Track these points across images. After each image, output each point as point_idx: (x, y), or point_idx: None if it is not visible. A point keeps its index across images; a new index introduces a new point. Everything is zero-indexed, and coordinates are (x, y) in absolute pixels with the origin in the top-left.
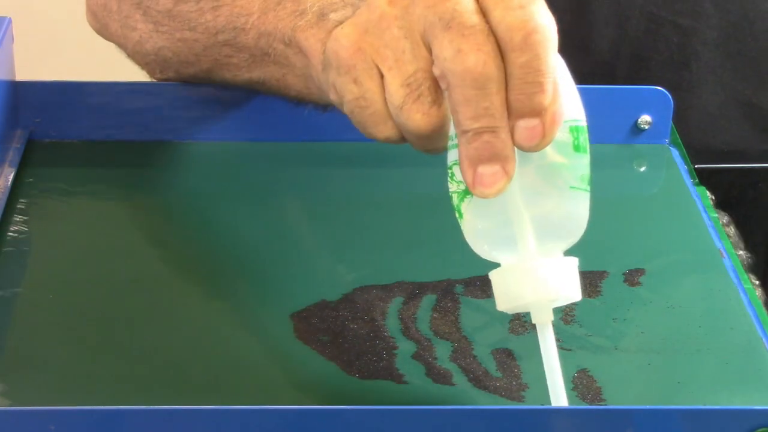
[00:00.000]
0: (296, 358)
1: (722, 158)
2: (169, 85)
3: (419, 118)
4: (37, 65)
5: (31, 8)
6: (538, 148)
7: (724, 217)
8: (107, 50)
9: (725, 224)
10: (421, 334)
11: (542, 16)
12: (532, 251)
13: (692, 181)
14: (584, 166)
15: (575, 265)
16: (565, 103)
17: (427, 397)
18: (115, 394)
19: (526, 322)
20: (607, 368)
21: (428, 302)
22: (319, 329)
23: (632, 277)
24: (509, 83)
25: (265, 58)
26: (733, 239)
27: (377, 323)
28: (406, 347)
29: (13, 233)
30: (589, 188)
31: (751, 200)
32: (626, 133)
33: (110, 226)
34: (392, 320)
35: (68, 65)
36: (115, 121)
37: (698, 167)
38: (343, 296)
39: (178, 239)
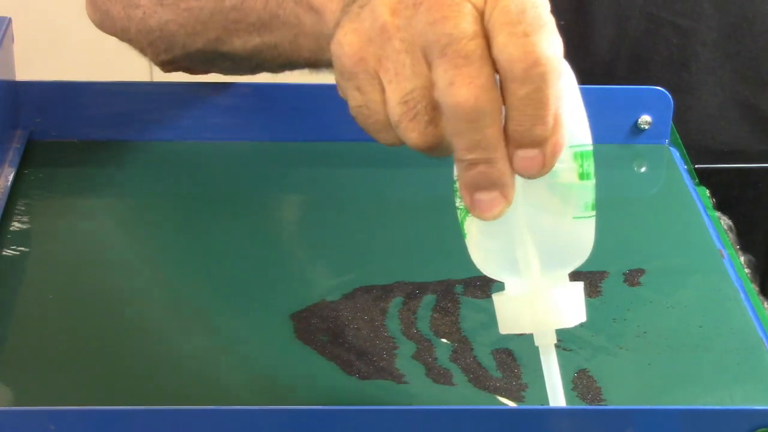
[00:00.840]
0: (296, 358)
1: (722, 158)
2: (169, 84)
3: (415, 136)
4: (37, 65)
5: (31, 8)
6: (538, 176)
7: (724, 222)
8: (107, 50)
9: (726, 230)
10: (421, 334)
11: (547, 46)
12: (536, 277)
13: (693, 181)
14: (589, 192)
15: (580, 290)
16: (570, 127)
17: (427, 397)
18: (115, 394)
19: None
20: (607, 368)
21: (428, 302)
22: (319, 329)
23: (632, 277)
24: (508, 113)
25: (274, 20)
26: (733, 243)
27: (377, 323)
28: (406, 347)
29: (13, 233)
30: (594, 212)
31: (751, 200)
32: (626, 133)
33: (110, 226)
34: (392, 320)
35: (68, 65)
36: (115, 121)
37: (698, 167)
38: (343, 296)
39: (178, 239)
